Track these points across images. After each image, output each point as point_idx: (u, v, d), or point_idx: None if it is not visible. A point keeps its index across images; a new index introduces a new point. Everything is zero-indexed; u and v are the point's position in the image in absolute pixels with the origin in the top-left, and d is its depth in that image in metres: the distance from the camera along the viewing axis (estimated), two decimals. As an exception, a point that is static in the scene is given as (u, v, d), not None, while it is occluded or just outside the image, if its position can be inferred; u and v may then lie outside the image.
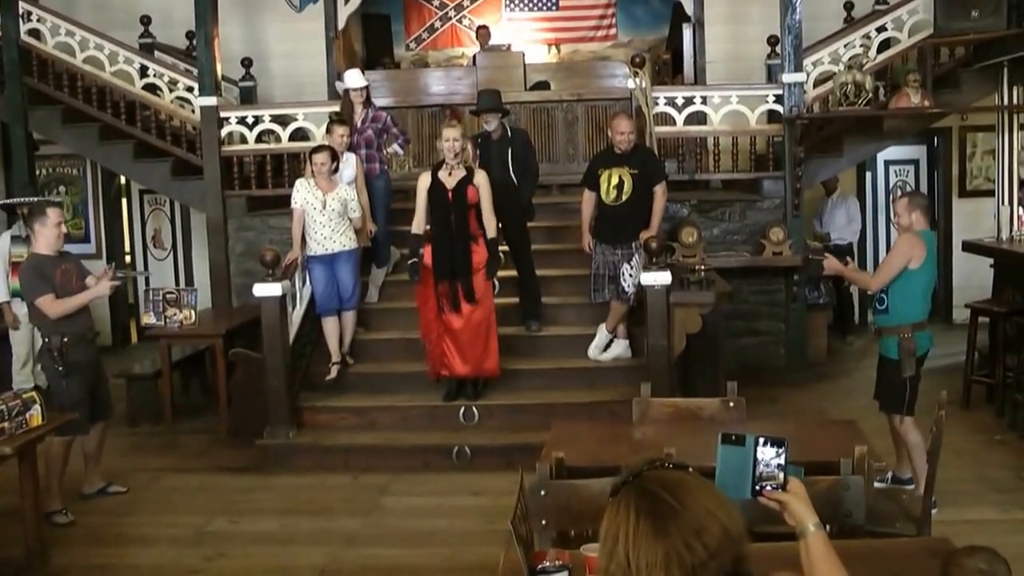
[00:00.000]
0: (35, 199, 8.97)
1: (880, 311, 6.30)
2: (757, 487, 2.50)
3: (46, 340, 6.61)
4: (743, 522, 2.06)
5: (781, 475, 2.50)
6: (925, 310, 6.28)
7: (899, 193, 8.87)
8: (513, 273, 8.55)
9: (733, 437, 2.55)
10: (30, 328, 8.51)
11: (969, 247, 9.45)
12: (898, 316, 6.18)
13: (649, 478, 2.07)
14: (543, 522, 3.82)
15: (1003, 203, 9.61)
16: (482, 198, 7.61)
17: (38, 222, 6.59)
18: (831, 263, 6.60)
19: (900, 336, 6.14)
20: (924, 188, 12.28)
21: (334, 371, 8.24)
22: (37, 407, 5.82)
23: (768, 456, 2.51)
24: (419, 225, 7.77)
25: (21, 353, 9.39)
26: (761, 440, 2.52)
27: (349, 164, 8.50)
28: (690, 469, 2.12)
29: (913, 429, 6.17)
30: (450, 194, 7.56)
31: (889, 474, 6.44)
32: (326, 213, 8.06)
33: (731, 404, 5.09)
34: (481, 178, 7.66)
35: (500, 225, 8.05)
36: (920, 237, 6.20)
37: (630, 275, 7.86)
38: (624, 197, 7.86)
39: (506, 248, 8.45)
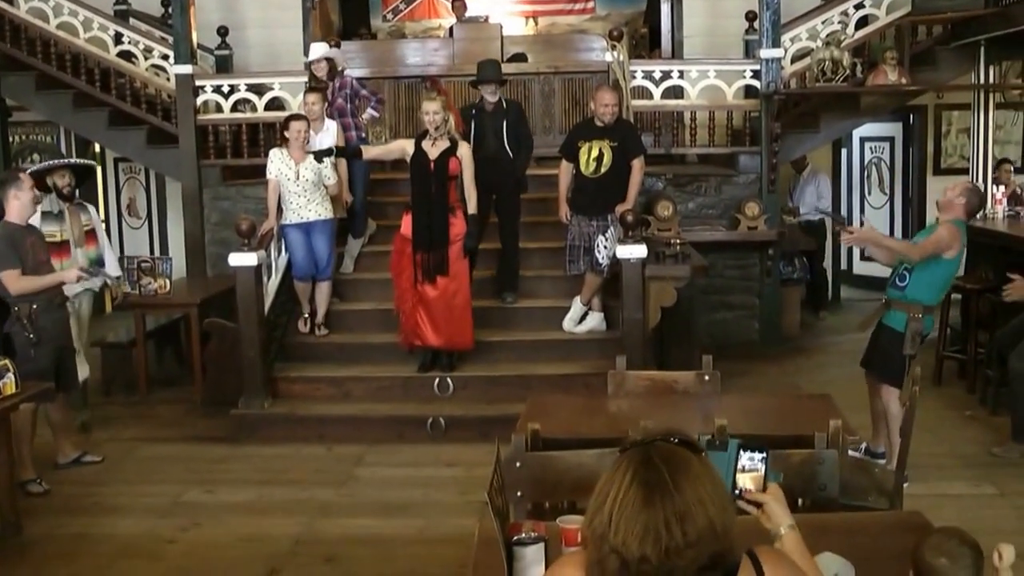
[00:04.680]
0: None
1: (898, 286, 6.24)
2: (736, 491, 2.57)
3: (15, 308, 6.51)
4: (733, 519, 2.08)
5: (762, 468, 2.58)
6: (939, 298, 6.34)
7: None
8: (490, 245, 8.53)
9: (717, 442, 2.64)
10: None
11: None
12: (915, 296, 6.16)
13: (657, 449, 2.08)
14: (518, 494, 3.83)
15: (977, 181, 9.66)
16: (464, 170, 7.57)
17: (14, 187, 6.46)
18: (861, 234, 6.62)
19: (910, 315, 6.14)
20: (899, 165, 12.34)
21: (309, 322, 8.34)
22: (10, 375, 5.73)
23: (752, 459, 2.61)
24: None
25: None
26: (743, 446, 2.62)
27: (329, 133, 8.40)
28: (704, 454, 2.12)
29: (897, 401, 6.20)
30: (432, 164, 7.53)
31: (863, 445, 6.48)
32: (300, 183, 8.02)
33: (706, 377, 5.11)
34: (464, 150, 7.62)
35: (494, 197, 8.05)
36: (960, 229, 6.20)
37: (605, 247, 7.86)
38: (603, 169, 7.84)
39: (494, 220, 8.44)
